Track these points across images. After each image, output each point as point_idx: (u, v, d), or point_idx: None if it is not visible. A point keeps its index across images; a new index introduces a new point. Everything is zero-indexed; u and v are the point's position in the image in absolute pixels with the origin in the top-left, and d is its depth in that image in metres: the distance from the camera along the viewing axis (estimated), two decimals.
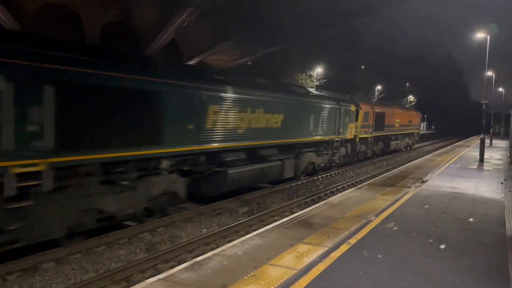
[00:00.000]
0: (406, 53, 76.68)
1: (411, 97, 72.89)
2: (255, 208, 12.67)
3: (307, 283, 5.03)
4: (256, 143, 13.15)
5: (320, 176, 18.62)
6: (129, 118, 8.62)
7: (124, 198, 8.78)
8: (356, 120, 21.76)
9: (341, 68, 47.21)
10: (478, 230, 7.62)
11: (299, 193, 15.40)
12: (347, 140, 20.97)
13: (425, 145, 49.14)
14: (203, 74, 12.23)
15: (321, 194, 14.89)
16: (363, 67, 57.44)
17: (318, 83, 38.00)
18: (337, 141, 19.52)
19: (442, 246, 6.59)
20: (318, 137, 17.39)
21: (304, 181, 17.25)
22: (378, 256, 6.06)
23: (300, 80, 39.31)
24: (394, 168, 20.54)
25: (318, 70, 36.66)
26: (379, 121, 26.15)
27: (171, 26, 16.45)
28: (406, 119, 33.72)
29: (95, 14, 15.44)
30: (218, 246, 8.34)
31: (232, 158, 12.12)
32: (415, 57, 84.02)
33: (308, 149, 17.09)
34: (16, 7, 20.92)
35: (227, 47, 20.10)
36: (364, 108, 23.33)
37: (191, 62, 21.86)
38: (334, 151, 19.71)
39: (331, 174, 19.80)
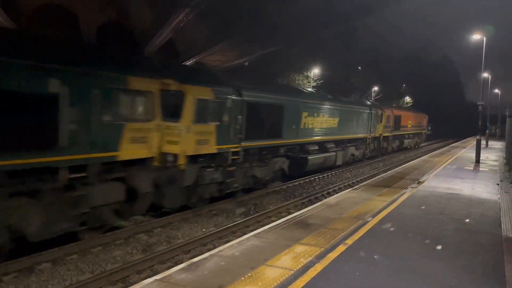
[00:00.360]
0: (402, 54, 76.91)
1: (407, 98, 73.08)
2: (252, 208, 12.67)
3: (304, 283, 5.02)
4: (323, 138, 18.54)
5: (317, 177, 18.64)
6: (271, 121, 14.21)
7: (265, 170, 14.23)
8: (381, 121, 26.74)
9: (338, 69, 47.30)
10: (474, 231, 7.64)
11: (296, 193, 15.40)
12: (375, 138, 26.27)
13: (421, 146, 49.27)
14: (299, 91, 19.25)
15: (317, 195, 14.90)
16: (360, 67, 57.57)
17: (315, 83, 38.05)
18: (369, 138, 24.94)
19: (439, 247, 6.61)
20: (359, 134, 23.06)
21: (301, 181, 17.26)
22: (375, 256, 6.06)
23: (297, 81, 39.34)
24: (390, 169, 20.58)
25: (315, 71, 36.69)
26: (397, 123, 31.08)
27: (168, 26, 16.42)
28: (416, 121, 38.33)
29: (91, 14, 15.39)
30: (215, 247, 8.33)
31: (311, 149, 17.53)
32: (411, 58, 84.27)
33: (351, 144, 22.26)
34: (13, 7, 20.85)
35: (224, 47, 20.10)
36: (387, 112, 28.03)
37: (188, 62, 21.84)
38: (367, 146, 24.98)
39: (327, 175, 19.81)
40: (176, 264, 7.54)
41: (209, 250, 7.62)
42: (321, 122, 17.97)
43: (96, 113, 8.03)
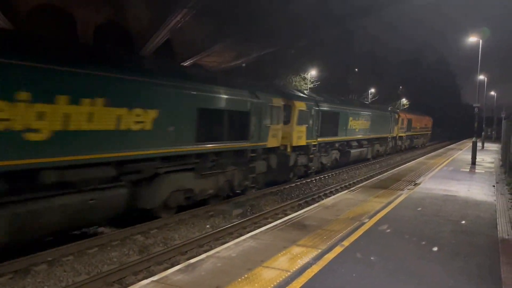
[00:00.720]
0: (399, 56, 77.11)
1: (404, 100, 73.30)
2: (249, 210, 12.67)
3: (301, 285, 5.03)
4: (360, 137, 24.60)
5: (313, 179, 18.66)
6: (332, 123, 19.89)
7: (328, 158, 20.33)
8: (397, 124, 32.55)
9: (335, 70, 47.37)
10: (470, 232, 7.67)
11: (293, 195, 15.41)
12: (393, 137, 32.42)
13: (417, 148, 49.39)
14: (348, 101, 26.37)
15: (314, 196, 14.92)
16: (356, 69, 57.68)
17: (312, 85, 38.10)
18: (389, 138, 31.03)
19: (435, 248, 6.63)
20: (383, 134, 29.13)
21: (298, 183, 17.27)
22: (372, 258, 6.07)
23: (294, 83, 39.38)
24: (387, 170, 20.62)
25: (312, 73, 36.74)
26: (409, 125, 37.01)
27: (165, 27, 16.39)
28: (423, 123, 44.51)
29: (89, 14, 15.31)
30: (211, 248, 8.32)
31: (353, 144, 23.61)
32: (408, 60, 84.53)
33: (377, 142, 28.30)
34: (9, 7, 20.75)
35: (221, 48, 20.09)
36: (401, 115, 34.25)
37: (185, 63, 21.82)
38: (387, 143, 30.97)
39: (324, 177, 19.83)
40: (172, 265, 7.53)
41: (206, 251, 7.61)
42: (359, 125, 24.14)
43: (261, 120, 13.47)
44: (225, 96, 11.76)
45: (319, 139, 18.51)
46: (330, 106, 20.05)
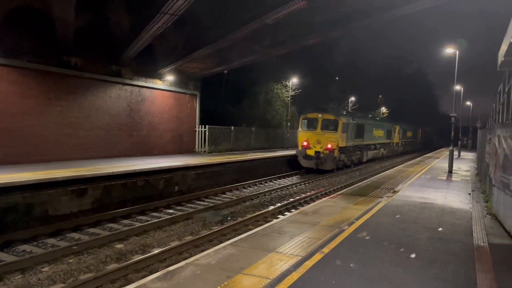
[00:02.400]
0: (379, 65, 78.31)
1: (383, 109, 74.40)
2: (229, 217, 12.62)
3: None
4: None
5: (294, 185, 18.74)
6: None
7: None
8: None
9: (316, 79, 47.80)
10: (447, 240, 7.80)
11: (273, 202, 15.43)
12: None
13: (396, 156, 50.16)
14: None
15: (295, 204, 14.97)
16: (337, 78, 58.30)
17: (293, 93, 38.33)
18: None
19: (413, 255, 6.72)
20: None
21: (278, 191, 17.31)
22: (351, 265, 6.12)
23: (275, 90, 39.54)
24: (366, 178, 20.86)
25: (294, 80, 37.00)
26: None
27: (146, 32, 16.27)
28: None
29: (68, 17, 15.03)
30: (191, 256, 8.25)
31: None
32: (387, 69, 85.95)
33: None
34: None
35: (203, 55, 20.06)
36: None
37: (167, 69, 21.69)
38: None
39: (304, 183, 19.93)
40: (151, 273, 7.43)
41: (185, 258, 7.54)
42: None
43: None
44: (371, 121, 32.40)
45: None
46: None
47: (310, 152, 24.76)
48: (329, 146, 24.34)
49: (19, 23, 15.56)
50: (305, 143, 25.01)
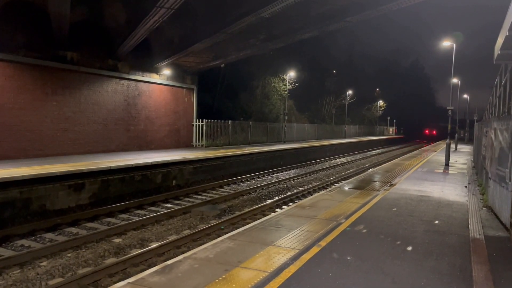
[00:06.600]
0: (376, 58, 78.23)
1: (381, 102, 74.48)
2: (227, 211, 12.65)
3: (278, 285, 5.05)
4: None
5: (291, 179, 18.79)
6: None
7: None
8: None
9: (313, 73, 47.73)
10: (443, 232, 7.86)
11: (271, 196, 15.47)
12: None
13: (393, 149, 50.31)
14: None
15: (292, 197, 15.01)
16: (334, 71, 58.25)
17: (290, 86, 38.29)
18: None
19: (409, 248, 6.76)
20: None
21: (276, 185, 17.35)
22: (348, 258, 6.16)
23: (272, 84, 39.48)
24: (364, 171, 20.92)
25: (291, 74, 36.95)
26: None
27: (142, 26, 16.19)
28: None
29: (64, 12, 14.91)
30: (189, 249, 8.28)
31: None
32: (385, 62, 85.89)
33: None
34: None
35: (199, 49, 20.00)
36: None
37: (163, 63, 21.62)
38: None
39: (302, 177, 19.97)
40: (149, 267, 7.47)
41: (183, 252, 7.57)
42: None
43: None
44: None
45: None
46: None
47: None
48: None
49: (15, 18, 15.47)
50: None
